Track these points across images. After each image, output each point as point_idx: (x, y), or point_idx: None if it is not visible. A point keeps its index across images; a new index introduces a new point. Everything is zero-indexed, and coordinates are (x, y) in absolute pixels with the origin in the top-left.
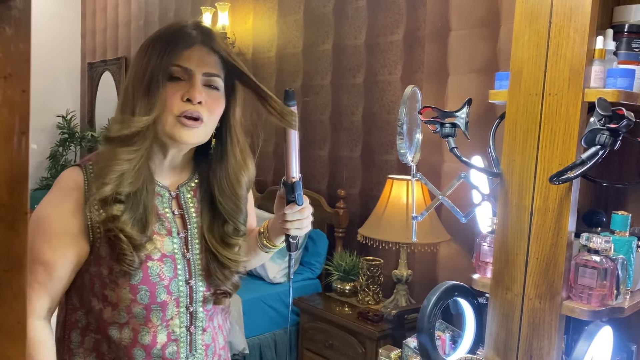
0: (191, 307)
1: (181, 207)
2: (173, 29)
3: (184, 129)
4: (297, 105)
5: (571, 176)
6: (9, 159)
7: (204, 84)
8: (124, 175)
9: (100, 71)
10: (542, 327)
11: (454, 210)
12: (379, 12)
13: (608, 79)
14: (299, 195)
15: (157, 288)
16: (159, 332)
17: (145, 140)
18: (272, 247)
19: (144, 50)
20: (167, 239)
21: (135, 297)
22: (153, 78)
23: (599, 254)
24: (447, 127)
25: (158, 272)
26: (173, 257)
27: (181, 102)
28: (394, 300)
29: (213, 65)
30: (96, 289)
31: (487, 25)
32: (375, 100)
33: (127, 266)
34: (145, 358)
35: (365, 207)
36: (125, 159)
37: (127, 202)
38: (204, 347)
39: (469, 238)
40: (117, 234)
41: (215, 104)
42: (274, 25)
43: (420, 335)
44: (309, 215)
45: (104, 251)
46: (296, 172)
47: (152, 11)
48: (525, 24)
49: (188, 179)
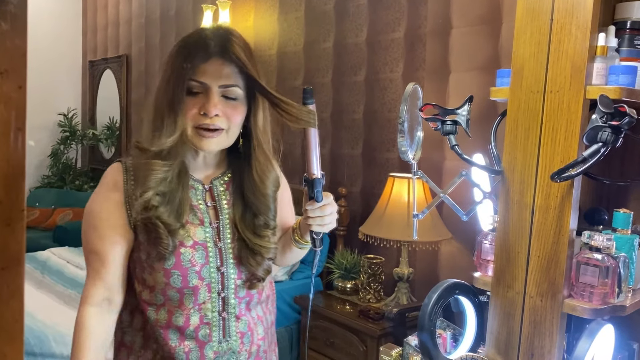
0: (223, 293)
1: (214, 199)
2: (194, 38)
3: (203, 139)
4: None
5: (573, 174)
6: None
7: (222, 95)
8: (163, 181)
9: (101, 69)
10: (544, 326)
11: (455, 208)
12: (380, 10)
13: (610, 76)
14: (318, 192)
15: (188, 273)
16: (192, 315)
17: (177, 153)
18: (304, 243)
19: (169, 61)
20: (200, 228)
21: (168, 281)
22: (175, 93)
23: (600, 252)
24: (448, 124)
25: (190, 258)
26: (205, 245)
27: (199, 115)
28: (395, 298)
29: (229, 76)
30: (137, 273)
31: (488, 23)
32: (376, 98)
33: (162, 249)
34: (179, 338)
35: (367, 205)
36: (162, 170)
37: (164, 196)
38: (239, 335)
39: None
40: (154, 220)
41: (234, 112)
42: (275, 23)
43: (421, 333)
44: (332, 213)
45: (142, 237)
46: (317, 170)
47: (153, 9)
48: (527, 21)
49: (221, 173)
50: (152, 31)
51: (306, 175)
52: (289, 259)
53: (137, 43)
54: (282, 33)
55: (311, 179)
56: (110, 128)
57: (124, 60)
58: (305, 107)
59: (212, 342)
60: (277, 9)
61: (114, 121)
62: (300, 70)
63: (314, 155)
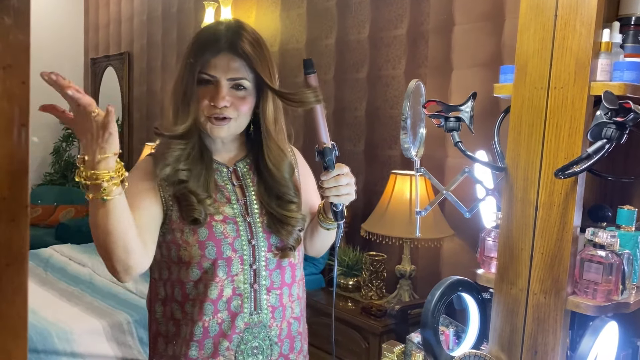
0: (254, 265)
1: (239, 179)
2: (207, 33)
3: (214, 127)
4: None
5: (577, 170)
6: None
7: (231, 87)
8: (180, 158)
9: (103, 66)
10: (547, 323)
11: (458, 205)
12: (383, 6)
13: (614, 72)
14: (330, 160)
15: (222, 244)
16: (225, 286)
17: (191, 136)
18: (330, 223)
19: (186, 55)
20: (228, 205)
21: (204, 253)
22: (187, 86)
23: (604, 248)
24: (451, 121)
25: (222, 230)
26: (235, 220)
27: (209, 106)
28: (397, 295)
29: (238, 69)
30: (172, 255)
31: (491, 19)
32: (378, 95)
33: (196, 215)
34: (213, 311)
35: (369, 203)
36: (178, 148)
37: (189, 172)
38: (270, 308)
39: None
40: (184, 192)
41: (242, 102)
42: (277, 19)
43: (424, 330)
44: (349, 183)
45: (174, 214)
46: (326, 139)
47: (155, 6)
48: (531, 17)
49: (244, 156)
50: (154, 28)
51: (317, 147)
52: (318, 245)
53: (139, 40)
54: (284, 30)
55: (322, 149)
56: None
57: (125, 57)
58: (307, 89)
59: (244, 313)
60: (279, 5)
61: (116, 118)
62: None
63: (322, 126)
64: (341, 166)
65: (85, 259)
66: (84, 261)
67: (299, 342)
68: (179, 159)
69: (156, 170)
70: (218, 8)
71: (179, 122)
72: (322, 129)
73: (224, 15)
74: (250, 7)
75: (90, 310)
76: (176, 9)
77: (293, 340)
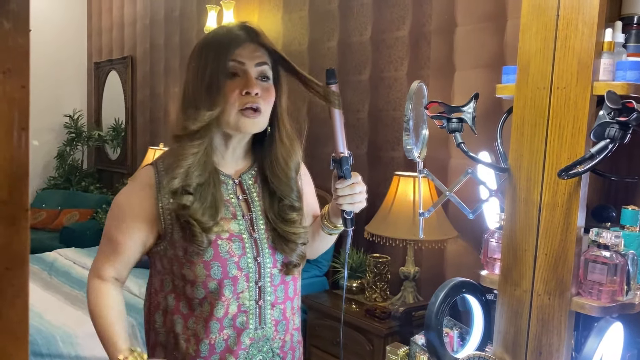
0: (260, 282)
1: (245, 192)
2: (222, 33)
3: (248, 120)
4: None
5: (580, 170)
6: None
7: (257, 77)
8: (190, 169)
9: (106, 70)
10: (552, 324)
11: (461, 207)
12: (385, 8)
13: (617, 71)
14: (347, 169)
15: (228, 264)
16: (231, 304)
17: (209, 133)
18: (333, 229)
19: (197, 55)
20: (233, 221)
21: (209, 273)
22: (212, 77)
23: (608, 249)
24: (454, 122)
25: (227, 249)
26: (240, 237)
27: (241, 96)
28: (401, 297)
29: (262, 56)
30: (175, 271)
31: (493, 20)
32: (381, 97)
33: (197, 246)
34: (219, 329)
35: (372, 204)
36: (191, 153)
37: (195, 194)
38: (273, 322)
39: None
40: (188, 219)
41: (268, 93)
42: (279, 22)
43: (428, 332)
44: (361, 191)
45: (176, 235)
46: (344, 148)
47: (158, 10)
48: (533, 17)
49: (249, 167)
50: (156, 32)
51: (334, 155)
52: (318, 248)
53: (142, 44)
54: (286, 32)
55: (339, 158)
56: (116, 129)
57: (129, 61)
58: (329, 89)
59: (249, 329)
60: (281, 8)
61: (120, 122)
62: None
63: (340, 134)
64: (355, 174)
65: (90, 263)
66: (88, 265)
67: (298, 351)
68: (189, 170)
69: (162, 182)
70: (220, 11)
71: (201, 112)
72: (340, 138)
73: (226, 19)
74: (253, 10)
75: None
76: (178, 12)
77: (294, 350)
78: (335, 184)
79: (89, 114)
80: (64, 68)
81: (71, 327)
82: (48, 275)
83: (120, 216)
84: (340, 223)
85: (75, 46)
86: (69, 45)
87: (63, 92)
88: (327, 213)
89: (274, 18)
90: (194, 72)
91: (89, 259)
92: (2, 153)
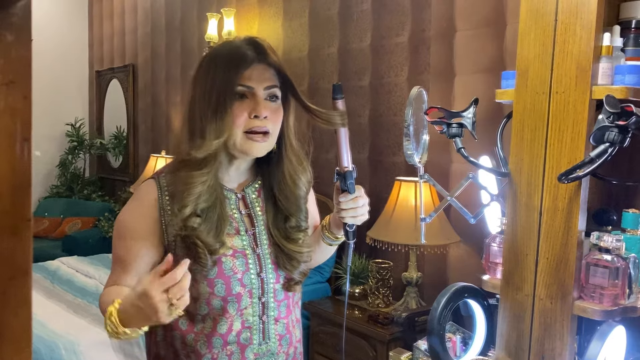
0: (263, 297)
1: (248, 207)
2: (229, 49)
3: (255, 143)
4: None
5: (580, 174)
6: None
7: (265, 97)
8: (200, 196)
9: (108, 79)
10: (554, 328)
11: (462, 211)
12: (384, 14)
13: (616, 75)
14: (351, 184)
15: (231, 281)
16: (235, 320)
17: (216, 159)
18: (334, 240)
19: (204, 73)
20: (237, 237)
21: (213, 290)
22: (219, 100)
23: (610, 252)
24: (453, 127)
25: (231, 266)
26: (244, 253)
27: (249, 119)
28: (404, 302)
29: (271, 78)
30: None
31: (492, 25)
32: (381, 102)
33: (201, 267)
34: (222, 345)
35: (374, 210)
36: (201, 182)
37: (202, 215)
38: (277, 337)
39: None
40: (194, 240)
41: (277, 115)
42: (280, 29)
43: (430, 337)
44: (364, 205)
45: (180, 252)
46: (348, 163)
47: (158, 18)
48: (531, 22)
49: (252, 181)
50: (157, 40)
51: (338, 169)
52: (318, 258)
53: (143, 52)
54: (286, 39)
55: (343, 172)
56: (118, 137)
57: (130, 69)
58: (335, 111)
59: (253, 345)
60: (281, 15)
61: (121, 130)
62: (305, 76)
63: (344, 150)
64: (359, 188)
65: (92, 271)
66: (90, 273)
67: None
68: (199, 196)
69: (172, 209)
70: (221, 19)
71: (209, 139)
72: (345, 153)
73: (227, 27)
74: (253, 18)
75: (97, 321)
76: (179, 20)
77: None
78: (339, 197)
79: (91, 122)
80: (66, 77)
81: (74, 335)
82: (51, 284)
83: (127, 235)
84: (340, 234)
85: (76, 55)
86: (70, 54)
87: (65, 100)
88: (328, 224)
89: (274, 25)
90: (200, 91)
91: (92, 267)
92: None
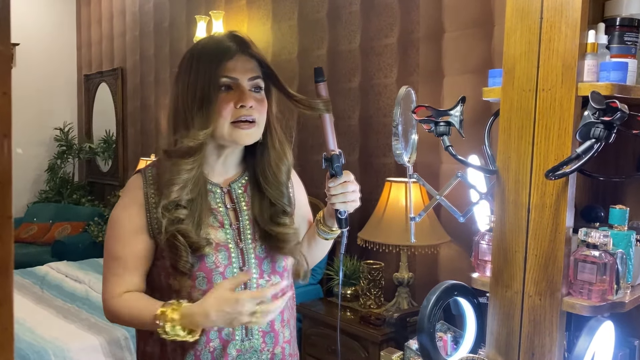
0: None
1: (233, 201)
2: (212, 44)
3: (242, 131)
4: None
5: (567, 171)
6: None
7: (250, 88)
8: (186, 184)
9: (96, 83)
10: (543, 324)
11: (451, 210)
12: (373, 16)
13: (601, 72)
14: (338, 167)
15: (213, 275)
16: None
17: (202, 150)
18: (329, 232)
19: (187, 68)
20: (221, 230)
21: (194, 284)
22: (204, 92)
23: (597, 248)
24: (441, 125)
25: (214, 259)
26: (227, 247)
27: (235, 109)
28: (395, 303)
29: (254, 69)
30: (162, 280)
31: (480, 26)
32: (371, 104)
33: (181, 266)
34: (205, 340)
35: (365, 211)
36: (186, 169)
37: (188, 207)
38: (260, 333)
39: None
40: (176, 237)
41: (262, 104)
42: (269, 31)
43: (420, 335)
44: (354, 190)
45: (164, 246)
46: (334, 146)
47: (147, 22)
48: (517, 20)
49: (239, 176)
50: (146, 43)
51: (325, 154)
52: (315, 255)
53: (132, 56)
54: (275, 42)
55: (330, 156)
56: (107, 141)
57: (119, 73)
58: (318, 99)
59: (235, 341)
60: (270, 18)
61: (110, 134)
62: (294, 78)
63: (330, 134)
64: (348, 173)
65: (82, 276)
66: (80, 278)
67: None
68: (185, 186)
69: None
70: (210, 22)
71: (196, 130)
72: (330, 137)
73: (215, 29)
74: (242, 20)
75: (87, 326)
76: (168, 23)
77: None
78: (328, 182)
79: (80, 126)
80: (54, 81)
81: (63, 341)
82: (40, 289)
83: (121, 233)
84: (335, 226)
85: (64, 59)
86: (58, 58)
87: (53, 105)
88: (322, 217)
89: (263, 27)
90: (183, 86)
91: (81, 272)
92: None
